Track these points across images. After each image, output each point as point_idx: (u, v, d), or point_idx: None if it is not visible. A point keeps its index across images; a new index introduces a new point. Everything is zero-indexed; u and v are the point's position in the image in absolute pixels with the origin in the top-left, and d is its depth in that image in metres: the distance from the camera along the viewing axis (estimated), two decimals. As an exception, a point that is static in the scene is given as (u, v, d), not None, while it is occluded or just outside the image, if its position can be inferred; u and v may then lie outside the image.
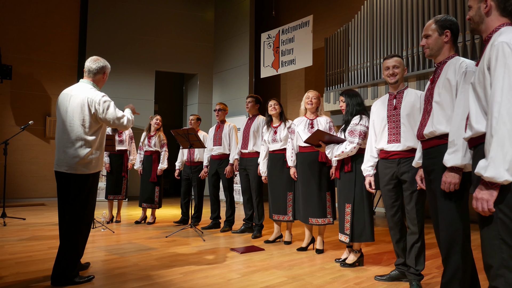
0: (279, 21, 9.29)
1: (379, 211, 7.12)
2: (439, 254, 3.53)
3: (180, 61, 9.90)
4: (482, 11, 1.70)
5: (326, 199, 3.68)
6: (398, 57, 2.81)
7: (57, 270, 2.66)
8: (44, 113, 8.57)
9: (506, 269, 1.48)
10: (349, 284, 2.79)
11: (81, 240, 2.78)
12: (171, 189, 10.61)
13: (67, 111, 2.75)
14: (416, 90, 2.79)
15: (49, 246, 3.91)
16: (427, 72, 5.84)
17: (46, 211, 6.68)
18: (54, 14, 8.78)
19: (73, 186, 2.71)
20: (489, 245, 1.54)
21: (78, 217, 2.72)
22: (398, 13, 6.38)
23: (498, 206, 1.51)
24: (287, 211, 4.05)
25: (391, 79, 2.78)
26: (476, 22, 1.74)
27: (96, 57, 2.94)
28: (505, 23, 1.66)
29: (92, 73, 2.89)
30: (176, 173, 5.58)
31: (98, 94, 2.80)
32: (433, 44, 2.17)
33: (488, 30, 1.70)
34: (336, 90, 7.28)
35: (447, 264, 1.98)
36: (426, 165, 2.17)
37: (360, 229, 3.15)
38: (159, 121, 5.53)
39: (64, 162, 2.70)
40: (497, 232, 1.50)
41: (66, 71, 8.83)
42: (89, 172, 2.76)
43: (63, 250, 2.68)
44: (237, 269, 3.17)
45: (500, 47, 1.50)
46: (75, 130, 2.72)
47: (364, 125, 3.16)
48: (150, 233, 4.73)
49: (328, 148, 3.27)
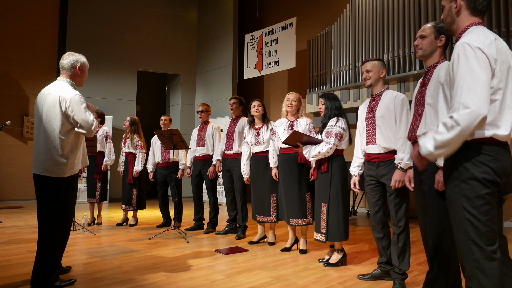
0: (262, 23, 9.32)
1: (361, 211, 7.23)
2: (422, 252, 3.62)
3: (162, 61, 9.82)
4: (453, 11, 1.72)
5: (306, 200, 3.72)
6: (375, 60, 2.87)
7: (36, 275, 2.57)
8: (21, 113, 8.35)
9: (478, 270, 1.51)
10: (332, 283, 2.83)
11: (59, 243, 2.68)
12: (152, 190, 10.48)
13: (42, 110, 2.64)
14: (393, 92, 2.83)
15: (27, 250, 3.81)
16: (407, 75, 5.97)
17: (23, 214, 6.51)
18: (33, 12, 8.57)
19: (48, 188, 2.62)
20: (462, 246, 1.57)
21: (55, 220, 2.62)
22: (379, 17, 6.49)
23: (464, 207, 1.54)
24: (270, 212, 4.07)
25: (366, 83, 2.89)
26: (448, 23, 1.77)
27: (69, 52, 2.82)
28: (474, 22, 1.68)
29: (65, 69, 2.76)
30: (151, 176, 5.48)
31: (70, 92, 2.66)
32: (428, 45, 2.21)
33: (459, 29, 1.72)
34: (319, 92, 7.36)
35: (433, 262, 2.03)
36: None
37: (334, 228, 3.21)
38: (128, 122, 5.43)
39: (39, 164, 2.61)
40: (467, 233, 1.53)
41: (45, 70, 8.63)
42: (64, 175, 2.64)
43: (41, 254, 2.60)
44: (221, 270, 3.16)
45: (462, 48, 1.54)
46: (49, 130, 2.61)
47: (340, 126, 3.23)
48: (132, 235, 4.66)
49: (305, 148, 3.34)
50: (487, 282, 1.49)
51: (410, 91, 5.92)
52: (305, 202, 3.72)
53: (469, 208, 1.53)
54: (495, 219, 1.53)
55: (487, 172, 1.51)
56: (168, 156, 5.28)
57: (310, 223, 3.72)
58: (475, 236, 1.51)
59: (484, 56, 1.51)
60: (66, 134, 2.64)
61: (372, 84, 2.85)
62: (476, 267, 1.51)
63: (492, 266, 1.49)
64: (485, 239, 1.50)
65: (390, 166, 2.72)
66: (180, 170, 5.24)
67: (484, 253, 1.50)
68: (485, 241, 1.50)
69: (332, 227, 3.21)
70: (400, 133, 2.65)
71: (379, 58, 2.94)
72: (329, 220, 3.22)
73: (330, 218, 3.22)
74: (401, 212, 2.68)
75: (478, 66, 1.49)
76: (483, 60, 1.50)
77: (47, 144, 2.61)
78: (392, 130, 2.71)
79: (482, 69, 1.49)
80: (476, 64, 1.50)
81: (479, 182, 1.51)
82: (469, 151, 1.55)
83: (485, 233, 1.51)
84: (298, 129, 3.75)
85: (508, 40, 4.97)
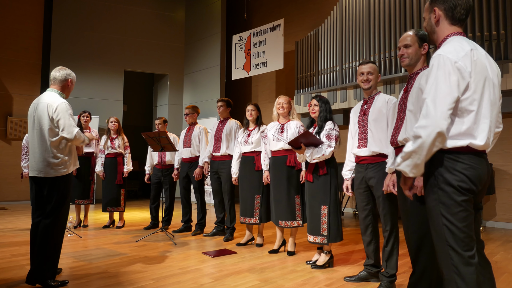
0: (250, 24, 9.33)
1: (348, 211, 7.31)
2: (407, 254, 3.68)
3: (149, 61, 9.74)
4: (432, 21, 1.75)
5: (295, 202, 3.75)
6: (373, 63, 2.87)
7: (34, 273, 2.72)
8: (5, 113, 8.19)
9: (456, 275, 1.55)
10: (320, 285, 2.86)
11: (58, 242, 2.86)
12: (140, 191, 10.42)
13: (34, 117, 2.89)
14: (385, 96, 2.83)
15: (12, 254, 3.76)
16: (393, 78, 6.06)
17: (7, 216, 6.40)
18: (17, 10, 8.41)
19: (47, 188, 2.83)
20: (440, 252, 1.61)
21: (54, 219, 2.81)
22: (366, 19, 6.57)
23: (442, 213, 1.58)
24: (254, 213, 4.08)
25: (365, 85, 2.86)
26: (429, 32, 1.80)
27: (61, 67, 3.07)
28: (453, 32, 1.71)
29: (57, 81, 3.00)
30: (146, 178, 5.47)
31: (58, 100, 2.89)
32: (413, 54, 2.25)
33: (439, 39, 1.75)
34: (306, 93, 7.41)
35: (416, 265, 2.07)
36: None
37: (335, 230, 3.27)
38: (115, 122, 5.36)
39: (35, 166, 2.85)
40: (445, 239, 1.57)
41: (30, 69, 8.48)
42: (58, 175, 2.86)
43: (40, 253, 2.73)
44: (209, 273, 3.17)
45: (436, 60, 1.59)
46: (42, 136, 2.85)
47: (337, 130, 3.28)
48: (119, 238, 4.63)
49: (308, 150, 3.30)
50: (464, 287, 1.53)
51: (396, 93, 6.01)
52: (294, 204, 3.75)
53: (446, 214, 1.57)
54: (472, 226, 1.57)
55: (462, 180, 1.55)
56: (165, 158, 5.25)
57: (299, 225, 3.75)
58: (452, 242, 1.55)
59: (455, 69, 1.54)
60: (55, 137, 2.86)
61: (371, 87, 2.85)
62: (454, 272, 1.55)
63: (470, 271, 1.53)
64: (463, 245, 1.54)
65: (378, 169, 2.73)
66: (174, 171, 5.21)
67: (462, 259, 1.54)
68: (463, 246, 1.54)
69: (333, 229, 3.26)
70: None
71: (373, 61, 2.93)
72: (331, 222, 3.26)
73: (332, 220, 3.26)
74: (388, 216, 2.71)
75: (443, 79, 1.54)
76: (453, 73, 1.54)
77: (40, 147, 2.84)
78: (384, 134, 2.71)
79: (446, 83, 1.53)
80: (442, 77, 1.54)
81: (455, 189, 1.55)
82: (446, 159, 1.59)
83: (463, 239, 1.54)
84: (288, 131, 3.78)
85: (490, 44, 5.09)
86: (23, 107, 8.22)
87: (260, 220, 4.07)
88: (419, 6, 5.86)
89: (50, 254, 2.78)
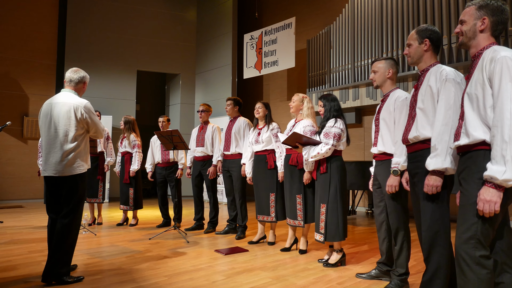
0: (262, 23, 9.33)
1: (360, 210, 7.26)
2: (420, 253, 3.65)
3: (162, 61, 9.83)
4: (478, 28, 1.80)
5: (297, 202, 3.74)
6: (383, 60, 2.80)
7: (50, 269, 2.75)
8: (21, 113, 8.36)
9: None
10: (332, 284, 2.85)
11: (73, 239, 2.90)
12: (153, 189, 10.52)
13: (51, 119, 2.90)
14: (398, 93, 2.70)
15: (29, 250, 3.84)
16: (406, 75, 6.00)
17: (24, 214, 6.53)
18: (32, 12, 8.58)
19: (65, 188, 2.87)
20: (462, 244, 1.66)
21: (69, 217, 2.85)
22: (378, 16, 6.51)
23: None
24: (270, 211, 4.10)
25: (373, 84, 2.86)
26: (468, 37, 1.84)
27: (76, 68, 3.13)
28: (493, 42, 1.80)
29: (74, 82, 3.05)
30: (149, 175, 5.51)
31: (81, 100, 2.97)
32: (413, 52, 2.26)
33: (479, 46, 1.81)
34: (318, 92, 7.38)
35: (428, 263, 2.05)
36: (410, 168, 2.25)
37: (333, 229, 3.25)
38: (122, 122, 5.48)
39: (52, 166, 2.85)
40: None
41: (44, 70, 8.64)
42: (75, 173, 2.90)
43: (57, 250, 2.78)
44: (221, 270, 3.19)
45: (504, 61, 1.63)
46: (59, 135, 2.87)
47: (338, 127, 3.24)
48: (132, 236, 4.69)
49: (304, 149, 3.37)
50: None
51: (409, 91, 5.95)
52: (295, 204, 3.74)
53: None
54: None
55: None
56: (168, 156, 5.30)
57: (300, 225, 3.72)
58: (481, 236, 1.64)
59: None
60: (77, 137, 2.92)
61: (379, 85, 2.83)
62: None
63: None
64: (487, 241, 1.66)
65: (383, 166, 2.72)
66: (179, 169, 5.26)
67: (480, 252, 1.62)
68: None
69: (331, 227, 3.25)
70: (397, 136, 2.59)
71: (388, 57, 2.84)
72: (328, 221, 3.25)
73: (329, 219, 3.25)
74: (394, 214, 2.66)
75: None
76: None
77: (56, 147, 2.87)
78: (391, 134, 2.68)
79: None
80: None
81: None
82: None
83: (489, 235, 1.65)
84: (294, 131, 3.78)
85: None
86: (39, 107, 8.33)
87: (276, 218, 4.09)
88: (432, 2, 5.78)
89: (66, 252, 2.82)
